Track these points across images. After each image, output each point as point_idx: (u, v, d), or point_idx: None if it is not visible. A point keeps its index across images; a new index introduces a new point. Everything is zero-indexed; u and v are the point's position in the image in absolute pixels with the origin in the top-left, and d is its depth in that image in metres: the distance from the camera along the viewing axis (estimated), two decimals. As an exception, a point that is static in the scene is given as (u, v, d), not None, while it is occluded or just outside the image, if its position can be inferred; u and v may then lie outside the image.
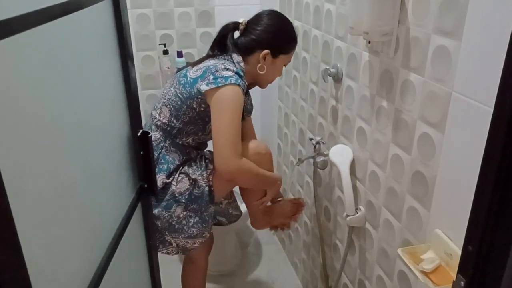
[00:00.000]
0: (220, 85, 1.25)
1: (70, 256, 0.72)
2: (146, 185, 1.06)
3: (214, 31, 2.38)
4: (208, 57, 1.41)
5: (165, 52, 2.30)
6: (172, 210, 1.37)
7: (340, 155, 1.43)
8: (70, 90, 0.72)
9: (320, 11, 1.57)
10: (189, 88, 1.30)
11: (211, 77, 1.26)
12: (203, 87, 1.26)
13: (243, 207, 1.72)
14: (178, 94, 1.31)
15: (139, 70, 2.35)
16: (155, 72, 2.40)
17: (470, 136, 0.88)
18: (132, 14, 2.23)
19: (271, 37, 1.38)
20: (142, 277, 1.14)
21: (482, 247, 0.58)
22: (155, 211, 1.37)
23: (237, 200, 1.67)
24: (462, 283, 0.62)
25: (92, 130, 0.81)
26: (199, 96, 1.28)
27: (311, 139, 1.60)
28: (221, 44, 1.42)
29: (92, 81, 0.81)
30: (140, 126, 1.02)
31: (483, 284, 0.60)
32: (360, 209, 1.39)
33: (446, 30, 0.91)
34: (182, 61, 2.31)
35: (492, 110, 0.54)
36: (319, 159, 1.55)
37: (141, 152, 1.01)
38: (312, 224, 1.90)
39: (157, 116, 1.37)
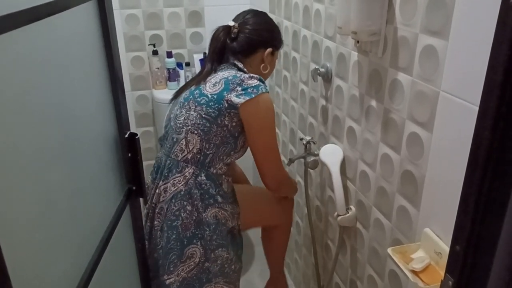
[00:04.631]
0: (253, 95, 1.18)
1: (56, 260, 0.71)
2: (134, 187, 1.05)
3: (204, 32, 2.39)
4: (210, 72, 1.28)
5: (155, 53, 2.29)
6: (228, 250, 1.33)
7: (331, 154, 1.43)
8: (55, 91, 0.71)
9: (309, 11, 1.57)
10: (217, 105, 1.18)
11: (239, 88, 1.18)
12: (236, 100, 1.17)
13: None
14: (204, 115, 1.19)
15: (128, 71, 2.34)
16: (145, 73, 2.38)
17: (458, 135, 0.88)
18: (121, 14, 2.22)
19: (270, 35, 1.36)
20: (131, 279, 1.13)
21: (469, 247, 0.58)
22: (218, 251, 1.30)
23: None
24: (450, 282, 0.62)
25: (78, 132, 0.80)
26: (232, 111, 1.19)
27: (301, 139, 1.59)
28: (221, 55, 1.32)
29: (78, 82, 0.80)
30: (127, 127, 1.01)
31: (471, 283, 0.60)
32: (351, 208, 1.39)
33: (433, 30, 0.91)
34: (171, 61, 2.30)
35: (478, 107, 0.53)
36: (310, 159, 1.55)
37: (129, 154, 1.00)
38: (304, 224, 1.89)
39: (185, 149, 1.22)
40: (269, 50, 1.34)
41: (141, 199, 1.11)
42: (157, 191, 1.26)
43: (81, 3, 0.80)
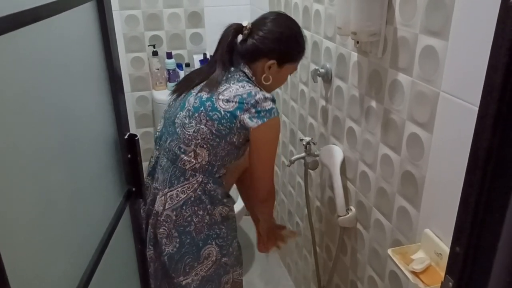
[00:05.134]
0: (265, 120, 1.18)
1: (56, 261, 0.71)
2: (134, 189, 1.05)
3: (204, 32, 2.39)
4: (221, 81, 1.24)
5: (155, 54, 2.29)
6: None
7: (331, 155, 1.43)
8: (55, 92, 0.71)
9: (309, 11, 1.57)
10: (229, 123, 1.18)
11: (253, 110, 1.17)
12: (249, 123, 1.17)
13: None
14: (214, 131, 1.19)
15: (128, 71, 2.34)
16: (145, 74, 2.38)
17: (458, 136, 0.88)
18: (121, 15, 2.22)
19: (277, 46, 1.25)
20: (131, 280, 1.13)
21: (470, 248, 0.58)
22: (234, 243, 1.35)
23: None
24: (450, 284, 0.62)
25: (77, 133, 0.80)
26: (243, 131, 1.20)
27: (301, 140, 1.59)
28: (230, 56, 1.28)
29: (78, 83, 0.80)
30: (127, 128, 1.01)
31: (471, 285, 0.60)
32: (351, 209, 1.39)
33: (433, 30, 0.91)
34: (171, 62, 2.30)
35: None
36: (310, 159, 1.55)
37: (129, 155, 1.00)
38: (304, 224, 1.89)
39: (193, 160, 1.23)
40: (270, 62, 1.25)
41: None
42: (162, 198, 1.25)
43: (81, 4, 0.80)
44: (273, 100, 1.21)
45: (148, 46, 2.31)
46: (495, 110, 0.51)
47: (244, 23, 1.27)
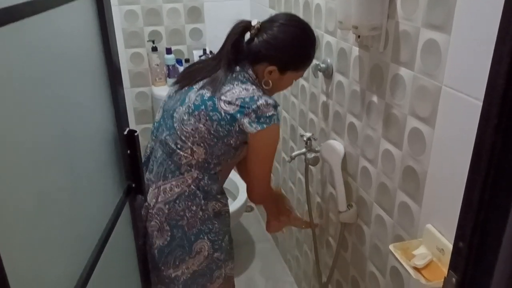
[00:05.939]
0: (265, 126, 1.16)
1: (54, 259, 0.71)
2: (134, 185, 1.04)
3: (204, 28, 2.38)
4: (225, 81, 1.21)
5: (154, 49, 2.28)
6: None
7: (331, 151, 1.42)
8: (53, 87, 0.70)
9: (309, 5, 1.56)
10: (228, 126, 1.17)
11: (254, 116, 1.16)
12: (248, 128, 1.16)
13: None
14: (213, 132, 1.18)
15: (128, 67, 2.33)
16: (144, 69, 2.37)
17: (460, 131, 0.87)
18: (120, 10, 2.21)
19: (279, 54, 1.21)
20: (131, 276, 1.12)
21: (473, 243, 0.57)
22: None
23: None
24: (454, 279, 0.61)
25: (77, 129, 0.79)
26: (241, 135, 1.19)
27: (302, 136, 1.59)
28: (235, 55, 1.25)
29: (76, 78, 0.79)
30: (127, 124, 1.01)
31: (475, 280, 0.59)
32: (352, 205, 1.38)
33: (435, 24, 0.90)
34: (171, 58, 2.29)
35: (482, 103, 0.53)
36: (311, 155, 1.54)
37: (128, 151, 0.99)
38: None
39: (190, 156, 1.22)
40: (272, 67, 1.22)
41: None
42: (155, 190, 1.25)
43: (78, -2, 0.79)
44: (275, 106, 1.19)
45: (148, 41, 2.30)
46: (499, 105, 0.50)
47: (253, 22, 1.24)
